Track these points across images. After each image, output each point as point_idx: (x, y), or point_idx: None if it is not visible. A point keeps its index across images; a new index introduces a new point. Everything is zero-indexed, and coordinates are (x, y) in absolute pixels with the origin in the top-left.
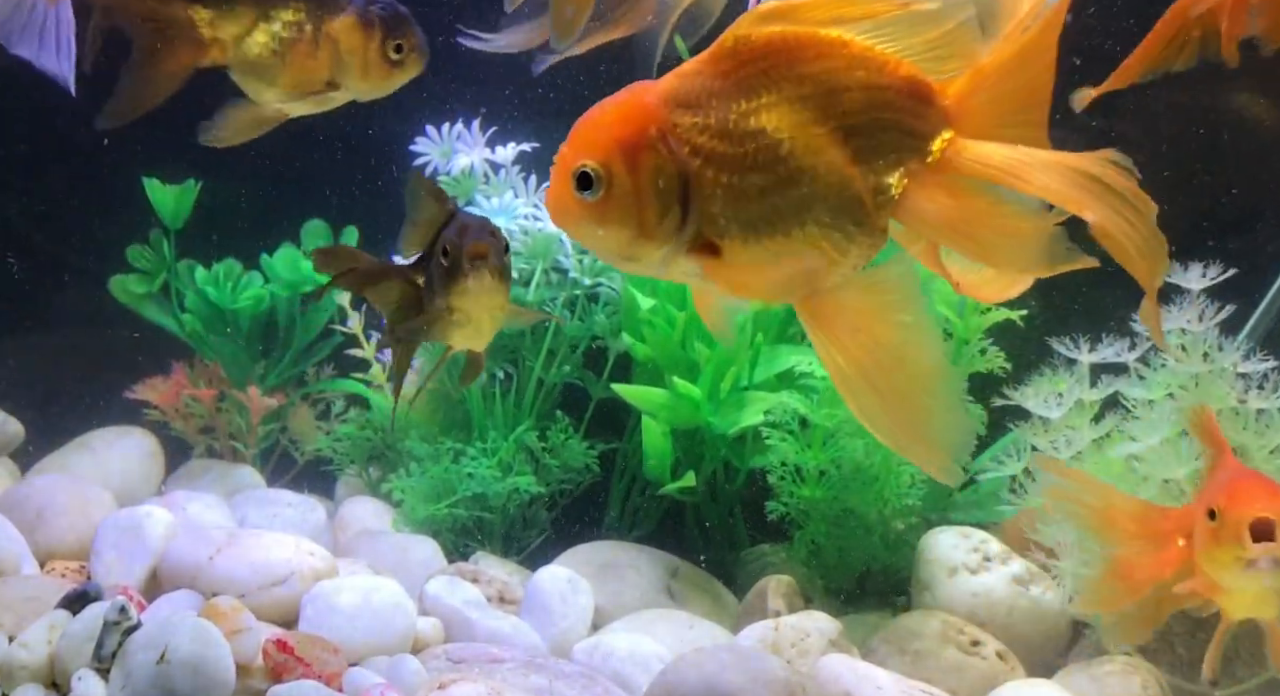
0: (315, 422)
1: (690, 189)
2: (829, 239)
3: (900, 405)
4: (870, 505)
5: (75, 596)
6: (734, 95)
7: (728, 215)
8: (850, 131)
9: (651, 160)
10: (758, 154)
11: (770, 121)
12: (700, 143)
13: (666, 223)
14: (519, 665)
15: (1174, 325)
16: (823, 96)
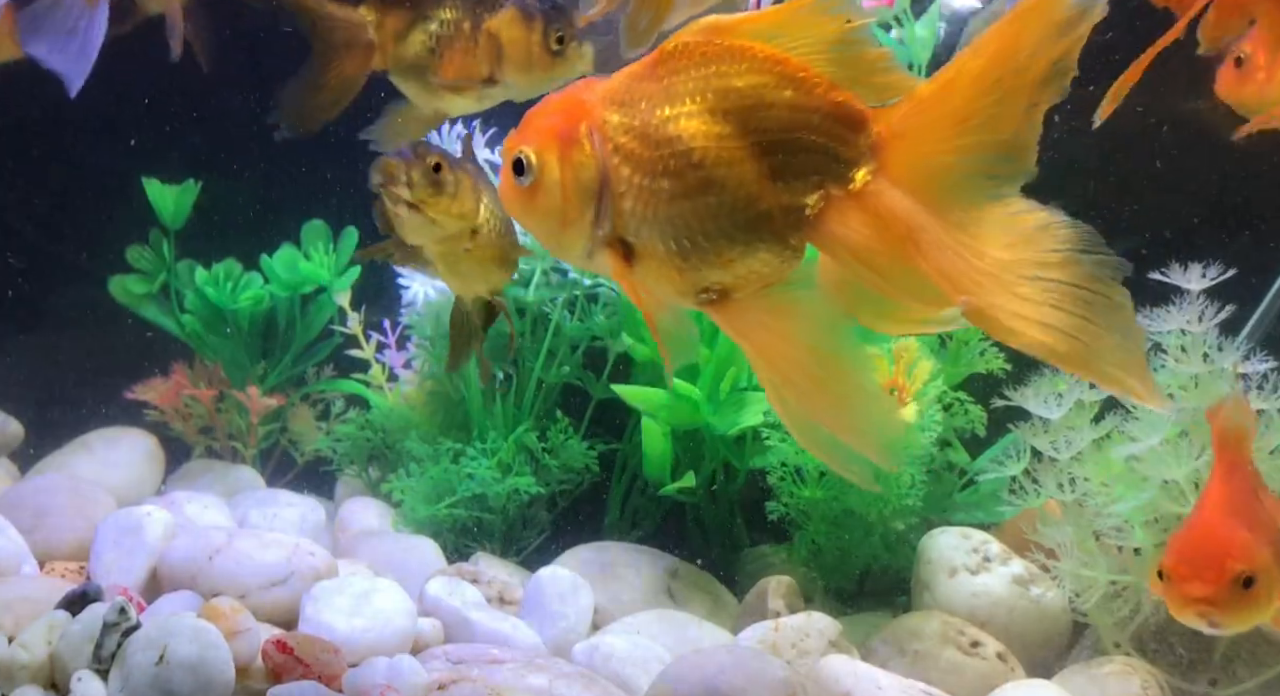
0: (315, 423)
1: (608, 186)
2: (735, 251)
3: (823, 413)
4: (870, 505)
5: (75, 597)
6: (662, 100)
7: (639, 215)
8: (769, 148)
9: (577, 154)
10: (671, 159)
11: (688, 129)
12: (622, 142)
13: (586, 216)
14: (519, 665)
15: (1174, 325)
16: (745, 110)
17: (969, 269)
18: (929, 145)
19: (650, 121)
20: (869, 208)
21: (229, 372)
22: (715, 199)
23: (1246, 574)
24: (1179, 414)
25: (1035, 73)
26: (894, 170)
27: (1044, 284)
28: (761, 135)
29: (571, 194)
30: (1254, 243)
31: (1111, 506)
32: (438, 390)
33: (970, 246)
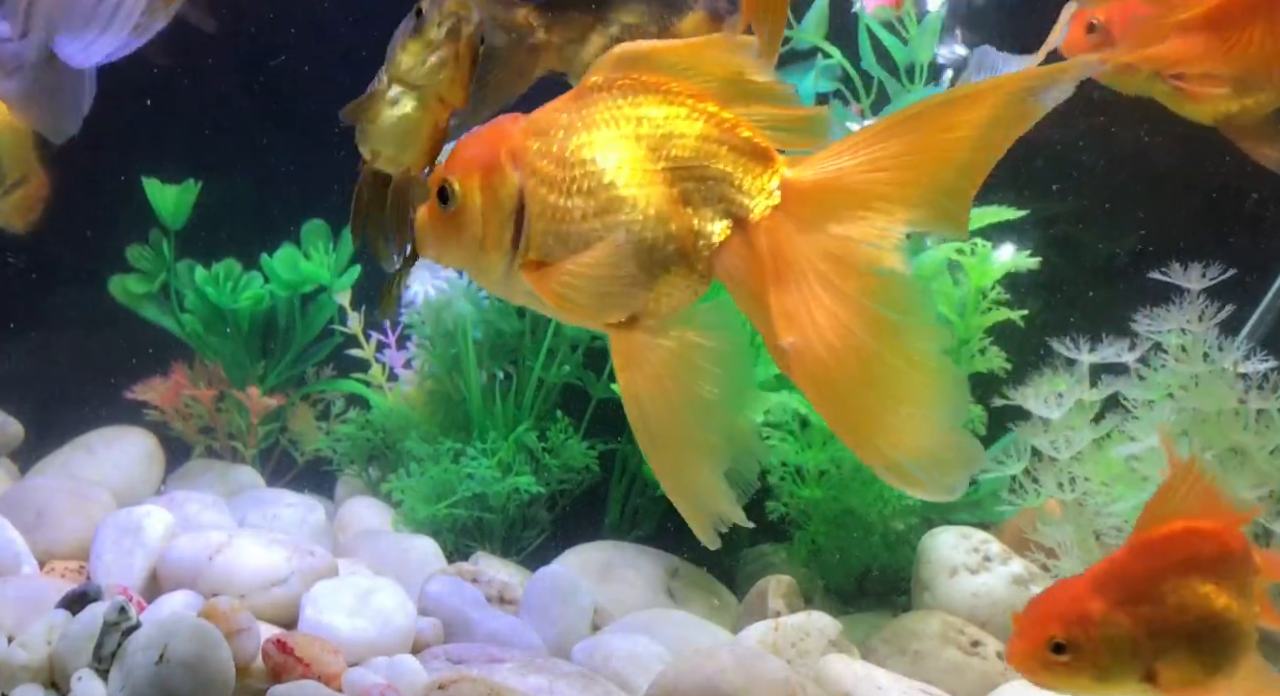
0: (315, 423)
1: (525, 209)
2: (649, 272)
3: (682, 459)
4: (870, 505)
5: (75, 596)
6: (580, 128)
7: (553, 235)
8: (678, 175)
9: (497, 179)
10: (583, 179)
11: (602, 152)
12: (539, 166)
13: (505, 238)
14: (519, 665)
15: (1174, 325)
16: (656, 138)
17: (809, 321)
18: (834, 197)
19: (566, 146)
20: (761, 243)
21: (229, 373)
22: (624, 219)
23: (1057, 640)
24: (1179, 414)
25: (966, 156)
26: (794, 212)
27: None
28: (670, 162)
29: (491, 217)
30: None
31: (1111, 506)
32: (438, 390)
33: (835, 302)
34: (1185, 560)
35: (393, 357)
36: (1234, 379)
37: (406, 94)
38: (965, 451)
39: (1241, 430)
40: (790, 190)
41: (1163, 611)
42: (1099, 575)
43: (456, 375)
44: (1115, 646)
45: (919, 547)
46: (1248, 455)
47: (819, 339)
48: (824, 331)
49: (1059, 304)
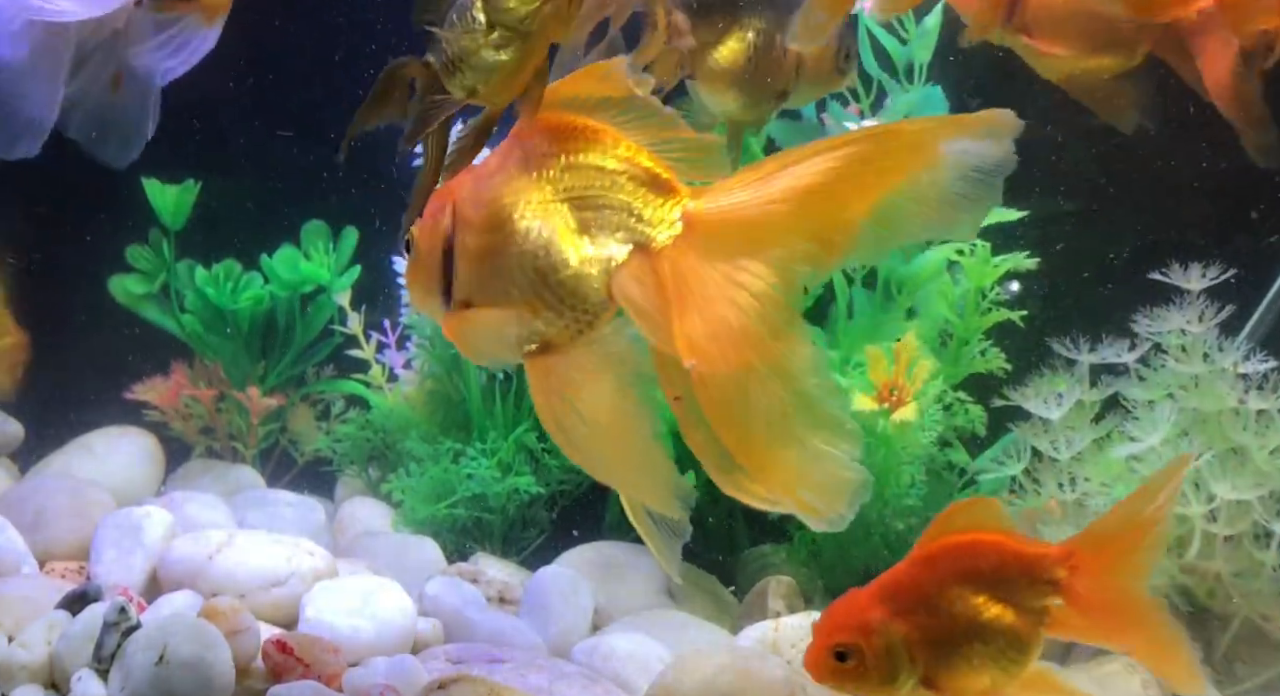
0: (315, 423)
1: (453, 252)
2: (549, 299)
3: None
4: (870, 505)
5: (75, 597)
6: (496, 170)
7: (471, 273)
8: (578, 206)
9: (435, 228)
10: (493, 217)
11: (506, 190)
12: (463, 210)
13: (440, 282)
14: (519, 665)
15: (1174, 325)
16: (558, 171)
17: (712, 346)
18: (735, 228)
19: (481, 189)
20: (664, 270)
21: (229, 373)
22: (530, 250)
23: (840, 648)
24: (1179, 414)
25: (859, 193)
26: (696, 241)
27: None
28: (569, 194)
29: (431, 263)
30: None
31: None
32: (438, 390)
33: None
34: (963, 571)
35: (393, 358)
36: (1234, 379)
37: (512, 39)
38: (852, 484)
39: (1241, 430)
40: (693, 220)
41: (939, 620)
42: (883, 585)
43: (456, 375)
44: (894, 653)
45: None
46: (1248, 455)
47: (721, 363)
48: (726, 357)
49: (1059, 304)
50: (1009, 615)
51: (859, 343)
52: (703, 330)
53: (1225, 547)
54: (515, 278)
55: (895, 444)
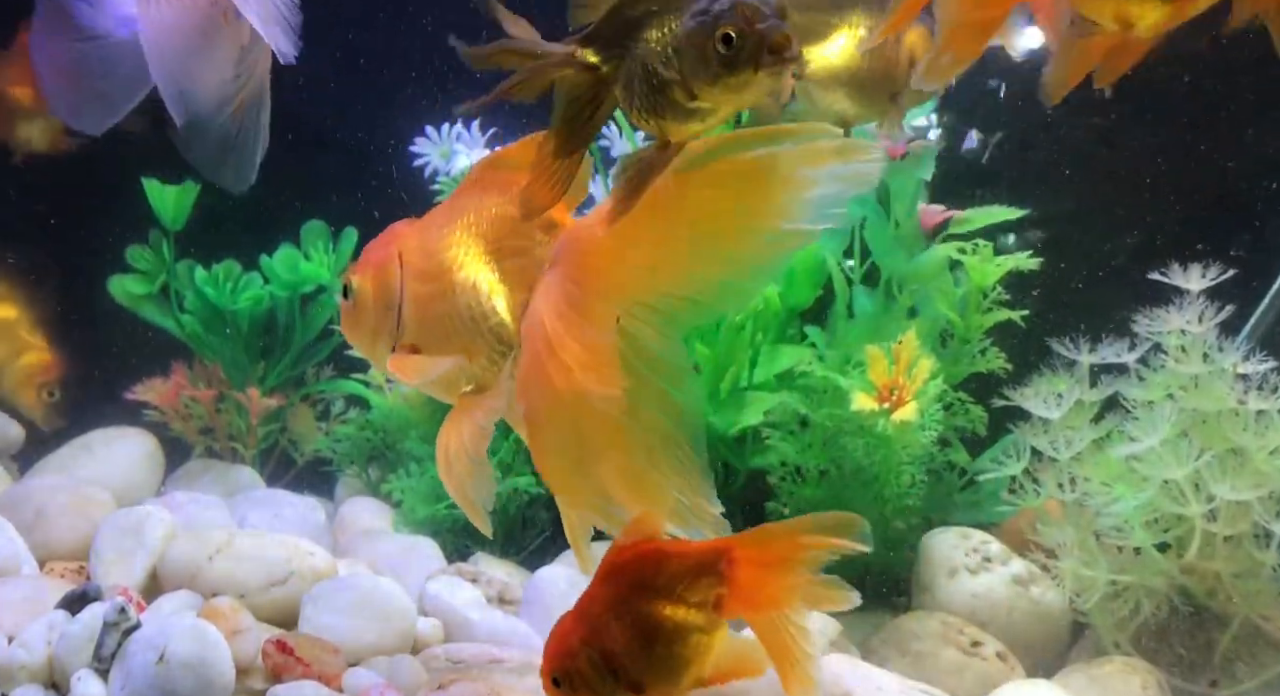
0: (315, 423)
1: (402, 299)
2: (484, 345)
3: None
4: (870, 505)
5: (75, 597)
6: (442, 223)
7: (416, 320)
8: (502, 257)
9: (384, 276)
10: (433, 269)
11: (448, 243)
12: (411, 260)
13: (387, 326)
14: (518, 665)
15: (1174, 325)
16: (487, 225)
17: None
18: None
19: (427, 240)
20: (542, 293)
21: (229, 373)
22: (462, 301)
23: (555, 676)
24: (1179, 414)
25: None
26: (571, 269)
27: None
28: (496, 246)
29: (379, 309)
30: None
31: (1111, 506)
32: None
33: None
34: (639, 581)
35: None
36: (1234, 379)
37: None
38: (707, 516)
39: (1241, 430)
40: (568, 249)
41: (630, 631)
42: (578, 610)
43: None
44: (599, 672)
45: (919, 548)
46: (1248, 455)
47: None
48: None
49: (1059, 304)
50: (692, 614)
51: (859, 342)
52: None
53: (1225, 548)
54: (457, 325)
55: (895, 444)
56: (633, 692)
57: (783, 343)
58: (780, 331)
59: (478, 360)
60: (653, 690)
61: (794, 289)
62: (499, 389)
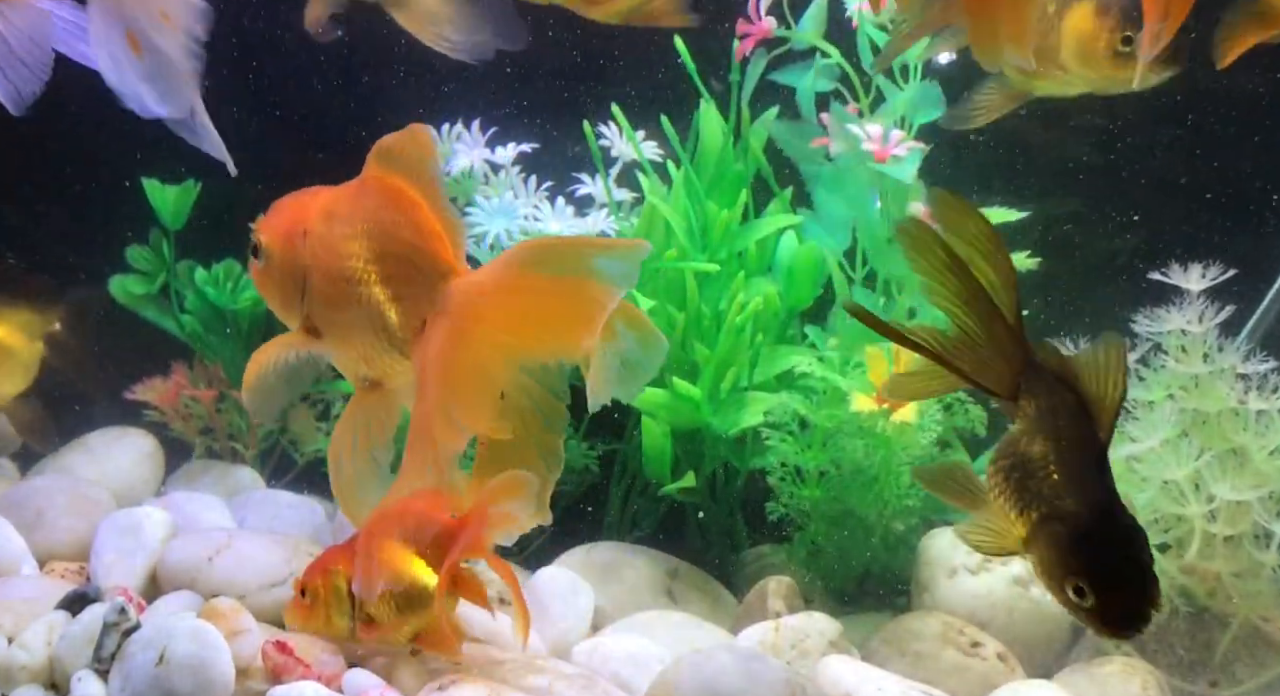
0: (315, 423)
1: (308, 282)
2: (373, 351)
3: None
4: (870, 506)
5: (75, 597)
6: (345, 219)
7: (318, 311)
8: (391, 270)
9: (293, 254)
10: (337, 270)
11: (346, 248)
12: (317, 250)
13: (295, 300)
14: (519, 665)
15: (1174, 325)
16: (379, 235)
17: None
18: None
19: (332, 236)
20: (434, 336)
21: (229, 373)
22: (357, 308)
23: (303, 586)
24: (1179, 414)
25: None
26: (458, 316)
27: None
28: (385, 259)
29: (287, 282)
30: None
31: None
32: None
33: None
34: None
35: None
36: (1234, 379)
37: None
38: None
39: (1241, 430)
40: (455, 299)
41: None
42: (347, 542)
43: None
44: (339, 596)
45: (919, 548)
46: (1248, 455)
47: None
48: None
49: (1059, 304)
50: (427, 569)
51: (859, 342)
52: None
53: (1225, 548)
54: (357, 320)
55: (895, 444)
56: (363, 623)
57: (783, 343)
58: (780, 332)
59: (371, 357)
60: (379, 628)
61: (794, 289)
62: (394, 399)
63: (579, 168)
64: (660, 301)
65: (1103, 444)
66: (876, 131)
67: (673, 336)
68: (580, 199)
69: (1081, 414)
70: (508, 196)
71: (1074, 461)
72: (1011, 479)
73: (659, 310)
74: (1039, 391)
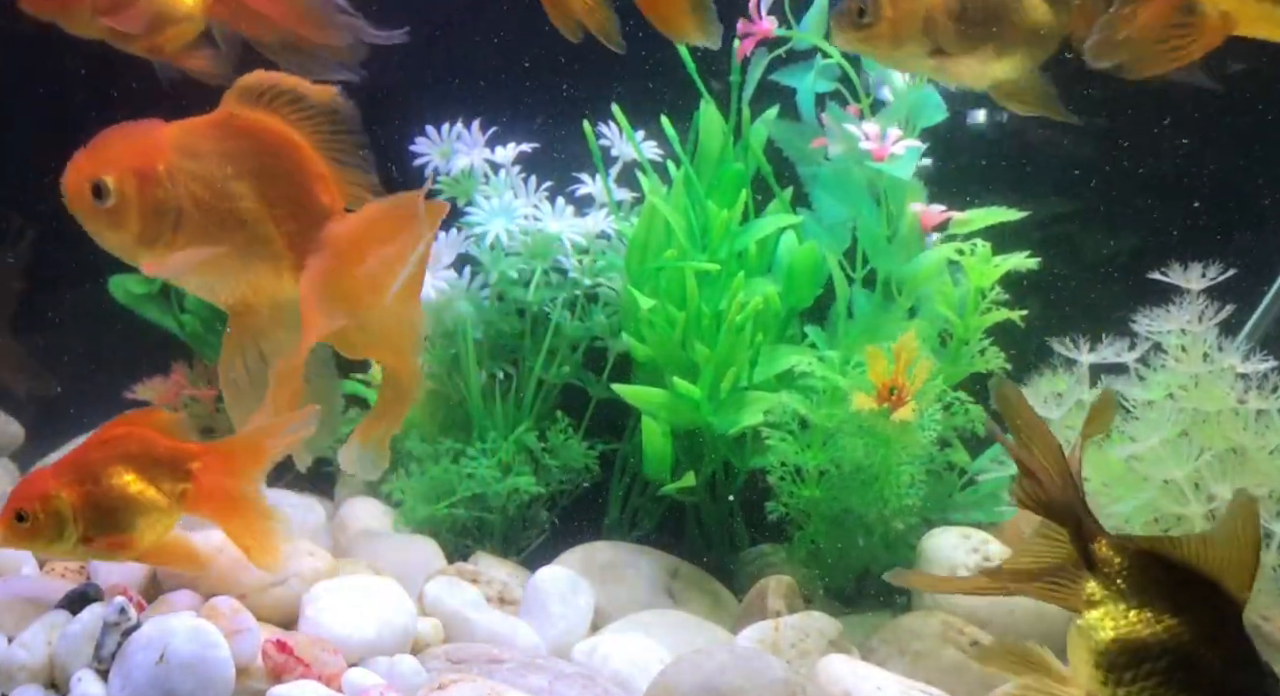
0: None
1: (180, 217)
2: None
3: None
4: (870, 505)
5: (75, 597)
6: (218, 155)
7: (195, 239)
8: (276, 200)
9: (157, 191)
10: (216, 199)
11: (230, 176)
12: (191, 186)
13: (161, 239)
14: (518, 665)
15: (1174, 325)
16: (261, 169)
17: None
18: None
19: (209, 170)
20: (316, 267)
21: None
22: (240, 233)
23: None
24: (1179, 414)
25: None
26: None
27: None
28: (271, 189)
29: (150, 220)
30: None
31: (1111, 506)
32: (438, 390)
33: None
34: (121, 454)
35: None
36: (1234, 379)
37: None
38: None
39: (1241, 430)
40: (332, 236)
41: (96, 490)
42: (61, 463)
43: (456, 375)
44: (60, 516)
45: (919, 547)
46: (1248, 455)
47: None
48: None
49: (1059, 304)
50: (151, 491)
51: (859, 342)
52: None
53: None
54: (235, 254)
55: (895, 444)
56: (83, 544)
57: (782, 343)
58: (780, 331)
59: (254, 269)
60: (97, 545)
61: (794, 289)
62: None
63: (579, 167)
64: (660, 301)
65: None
66: (874, 130)
67: (673, 336)
68: (580, 199)
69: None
70: (508, 196)
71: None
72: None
73: (659, 310)
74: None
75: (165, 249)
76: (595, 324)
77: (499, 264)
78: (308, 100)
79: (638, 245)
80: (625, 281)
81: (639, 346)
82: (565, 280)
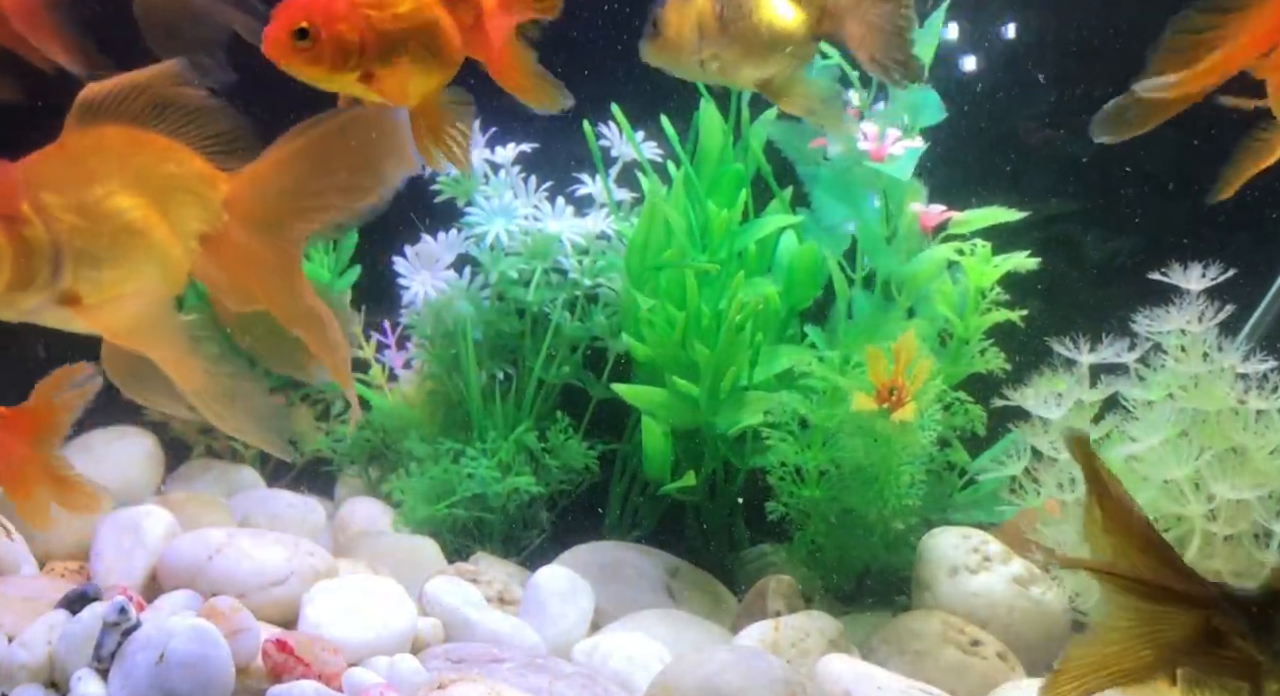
0: (315, 423)
1: (61, 253)
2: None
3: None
4: (870, 505)
5: (75, 596)
6: (90, 180)
7: (88, 271)
8: (164, 206)
9: (28, 231)
10: (106, 225)
11: (115, 200)
12: (65, 218)
13: (40, 279)
14: (519, 665)
15: (1174, 325)
16: (144, 180)
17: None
18: (266, 209)
19: (86, 198)
20: (226, 246)
21: None
22: (140, 252)
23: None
24: (1179, 414)
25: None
26: (241, 218)
27: None
28: (157, 196)
29: (23, 264)
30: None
31: None
32: (438, 390)
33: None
34: None
35: (392, 358)
36: (1234, 379)
37: None
38: None
39: (1241, 430)
40: (235, 206)
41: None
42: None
43: (456, 375)
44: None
45: (919, 547)
46: (1248, 455)
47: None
48: None
49: (1059, 304)
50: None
51: (859, 342)
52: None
53: (1225, 547)
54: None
55: (895, 444)
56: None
57: (782, 343)
58: (780, 331)
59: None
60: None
61: (794, 289)
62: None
63: (579, 167)
64: (660, 301)
65: None
66: (872, 130)
67: (673, 336)
68: (580, 199)
69: None
70: (508, 196)
71: None
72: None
73: (659, 310)
74: None
75: (46, 291)
76: (595, 324)
77: (499, 264)
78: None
79: (638, 245)
80: (625, 281)
81: (639, 346)
82: (565, 280)
